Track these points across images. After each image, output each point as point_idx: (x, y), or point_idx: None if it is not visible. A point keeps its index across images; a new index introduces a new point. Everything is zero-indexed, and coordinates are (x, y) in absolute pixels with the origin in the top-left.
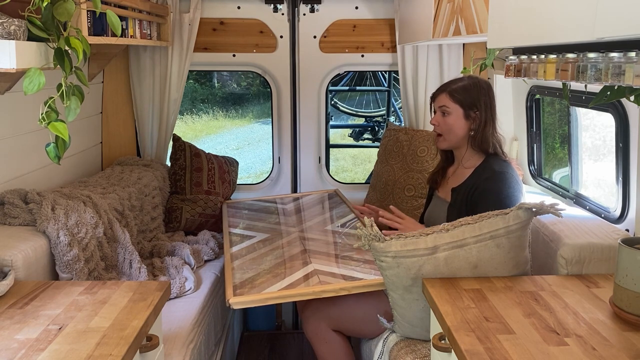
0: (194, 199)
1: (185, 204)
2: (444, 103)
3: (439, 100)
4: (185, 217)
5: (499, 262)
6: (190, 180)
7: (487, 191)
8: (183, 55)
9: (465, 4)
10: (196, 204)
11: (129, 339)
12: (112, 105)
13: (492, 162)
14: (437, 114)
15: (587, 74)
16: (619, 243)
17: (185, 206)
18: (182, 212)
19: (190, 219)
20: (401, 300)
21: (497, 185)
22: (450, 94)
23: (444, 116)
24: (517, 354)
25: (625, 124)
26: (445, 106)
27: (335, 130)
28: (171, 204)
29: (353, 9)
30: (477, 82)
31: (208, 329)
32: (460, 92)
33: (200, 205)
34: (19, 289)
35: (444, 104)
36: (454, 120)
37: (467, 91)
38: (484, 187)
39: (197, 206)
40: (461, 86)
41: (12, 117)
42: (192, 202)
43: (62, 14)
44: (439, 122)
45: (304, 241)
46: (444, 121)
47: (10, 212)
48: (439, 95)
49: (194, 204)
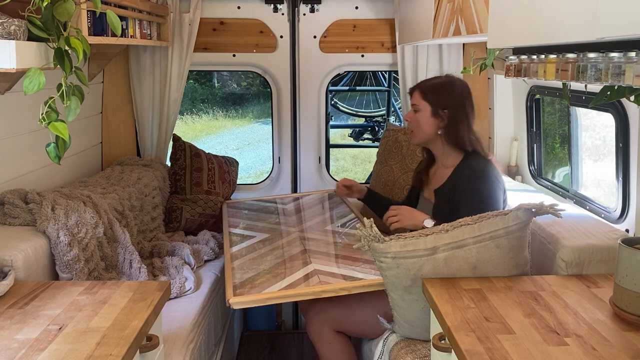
0: (194, 199)
1: (185, 204)
2: (415, 101)
3: (413, 97)
4: (185, 217)
5: (499, 263)
6: (190, 180)
7: (469, 191)
8: (183, 55)
9: (465, 4)
10: (196, 204)
11: (129, 339)
12: (112, 105)
13: (472, 161)
14: (410, 110)
15: (587, 74)
16: (619, 243)
17: (185, 206)
18: (182, 212)
19: (190, 219)
20: (401, 301)
21: (477, 184)
22: (421, 92)
23: (415, 113)
24: (517, 354)
25: (625, 124)
26: (416, 104)
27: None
28: (171, 204)
29: (353, 9)
30: (451, 82)
31: (208, 329)
32: (430, 91)
33: (200, 205)
34: (19, 289)
35: (415, 102)
36: (422, 118)
37: (437, 90)
38: (465, 187)
39: (197, 206)
40: (433, 85)
41: (12, 117)
42: (192, 202)
43: (62, 14)
44: (410, 118)
45: (304, 241)
46: (414, 117)
47: (11, 212)
48: (413, 92)
49: (194, 204)
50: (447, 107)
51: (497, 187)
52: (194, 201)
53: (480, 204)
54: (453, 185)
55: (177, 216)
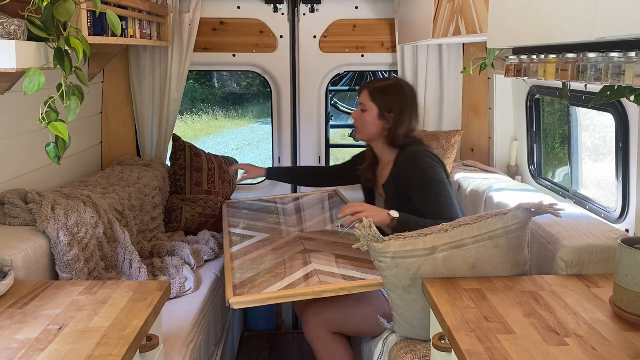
0: (194, 199)
1: (186, 204)
2: (363, 100)
3: (361, 97)
4: (186, 217)
5: (498, 263)
6: (190, 180)
7: (411, 172)
8: (183, 55)
9: (465, 4)
10: (196, 204)
11: (129, 339)
12: (112, 105)
13: (405, 149)
14: (358, 109)
15: (587, 74)
16: (619, 243)
17: (186, 206)
18: (182, 212)
19: (190, 219)
20: (400, 301)
21: (415, 163)
22: (370, 93)
23: (362, 112)
24: (517, 354)
25: (625, 124)
26: (363, 104)
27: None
28: (171, 204)
29: (353, 9)
30: (399, 85)
31: (208, 329)
32: (379, 93)
33: (200, 205)
34: (19, 289)
35: (362, 101)
36: (368, 118)
37: (385, 93)
38: (406, 172)
39: (197, 206)
40: (382, 87)
41: (12, 117)
42: (192, 202)
43: (62, 14)
44: (357, 116)
45: (304, 241)
46: (361, 117)
47: (11, 212)
48: (362, 91)
49: (194, 204)
50: (393, 111)
51: (433, 160)
52: (194, 201)
53: (428, 181)
54: (396, 175)
55: (177, 216)
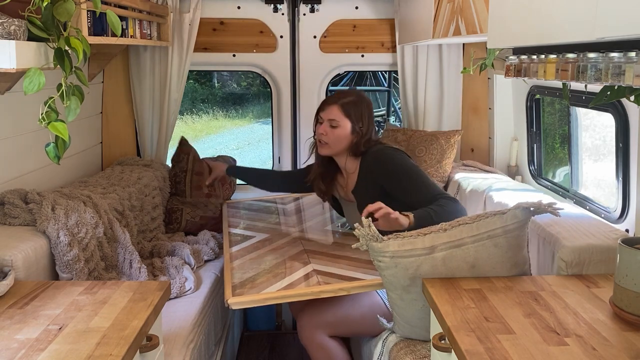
0: (195, 202)
1: (186, 206)
2: (334, 117)
3: (329, 112)
4: (186, 219)
5: (497, 262)
6: (191, 183)
7: (383, 171)
8: (183, 55)
9: (465, 4)
10: (196, 206)
11: (129, 339)
12: (112, 105)
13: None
14: (325, 125)
15: (587, 74)
16: (619, 243)
17: (186, 208)
18: (182, 213)
19: (190, 220)
20: (400, 301)
21: (384, 161)
22: (342, 108)
23: (333, 128)
24: (517, 354)
25: (625, 124)
26: (335, 119)
27: None
28: (171, 205)
29: (353, 9)
30: (362, 96)
31: (208, 329)
32: (350, 107)
33: (200, 208)
34: (19, 289)
35: (334, 117)
36: (341, 133)
37: (356, 106)
38: (377, 172)
39: (197, 209)
40: (351, 101)
41: (12, 117)
42: (192, 205)
43: (62, 14)
44: (327, 132)
45: (304, 241)
46: (332, 132)
47: (11, 212)
48: (329, 106)
49: (195, 207)
50: (362, 124)
51: (399, 152)
52: (194, 204)
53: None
54: (365, 180)
55: (177, 217)
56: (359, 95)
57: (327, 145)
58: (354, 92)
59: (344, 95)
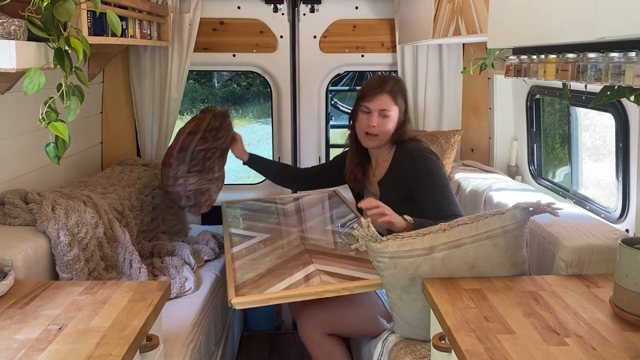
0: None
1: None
2: (385, 106)
3: (380, 102)
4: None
5: (496, 262)
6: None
7: (414, 170)
8: (183, 55)
9: (465, 4)
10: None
11: (129, 339)
12: (112, 105)
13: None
14: (375, 116)
15: (587, 74)
16: (619, 243)
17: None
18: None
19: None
20: (399, 301)
21: (420, 161)
22: (392, 96)
23: (384, 118)
24: (517, 354)
25: (625, 124)
26: (386, 109)
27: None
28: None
29: (353, 9)
30: (402, 81)
31: (208, 329)
32: (398, 94)
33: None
34: (19, 289)
35: (385, 107)
36: (391, 124)
37: (402, 92)
38: (409, 169)
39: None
40: (398, 88)
41: (12, 117)
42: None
43: (62, 14)
44: (379, 123)
45: (305, 241)
46: (383, 123)
47: (11, 212)
48: (379, 96)
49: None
50: (406, 110)
51: (436, 157)
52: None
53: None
54: (395, 172)
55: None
56: (399, 79)
57: (377, 137)
58: (394, 78)
59: (386, 81)
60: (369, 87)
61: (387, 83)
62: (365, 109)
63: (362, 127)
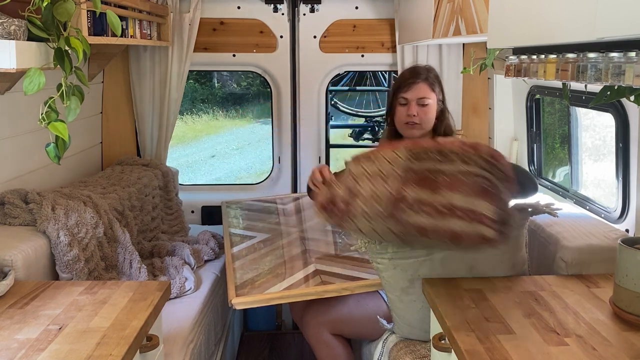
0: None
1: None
2: (423, 94)
3: (417, 91)
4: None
5: (495, 263)
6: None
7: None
8: (183, 55)
9: (465, 4)
10: None
11: (129, 339)
12: (112, 105)
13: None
14: (414, 106)
15: (587, 74)
16: (619, 243)
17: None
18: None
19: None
20: (399, 302)
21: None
22: (429, 84)
23: (423, 107)
24: (517, 354)
25: (625, 124)
26: (425, 97)
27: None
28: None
29: (353, 9)
30: (435, 70)
31: (208, 329)
32: (435, 81)
33: None
34: (19, 289)
35: (423, 95)
36: (432, 110)
37: (437, 79)
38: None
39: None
40: (435, 75)
41: (12, 117)
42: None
43: (62, 14)
44: (419, 112)
45: (305, 241)
46: (423, 111)
47: (11, 212)
48: (417, 85)
49: None
50: (443, 97)
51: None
52: None
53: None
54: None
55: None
56: (432, 68)
57: (419, 126)
58: (427, 67)
59: (420, 71)
60: (403, 78)
61: (422, 72)
62: (403, 100)
63: (402, 119)
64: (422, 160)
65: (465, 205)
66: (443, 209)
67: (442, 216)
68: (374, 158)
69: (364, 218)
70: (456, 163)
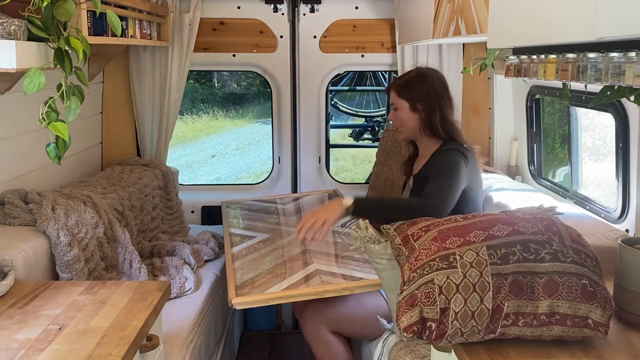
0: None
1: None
2: (393, 100)
3: (390, 97)
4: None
5: None
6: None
7: (433, 164)
8: (183, 55)
9: (465, 4)
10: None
11: (129, 339)
12: (112, 105)
13: (447, 145)
14: (392, 110)
15: (587, 74)
16: (619, 243)
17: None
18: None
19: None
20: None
21: (442, 157)
22: (396, 90)
23: (396, 111)
24: (517, 353)
25: (625, 124)
26: (394, 102)
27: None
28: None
29: (353, 9)
30: (422, 74)
31: (208, 329)
32: (403, 88)
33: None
34: (19, 289)
35: (392, 101)
36: (403, 115)
37: (409, 85)
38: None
39: None
40: (405, 81)
41: (12, 117)
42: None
43: (62, 14)
44: (392, 117)
45: (305, 241)
46: (396, 116)
47: (11, 212)
48: (389, 92)
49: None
50: (422, 100)
51: (460, 162)
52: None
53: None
54: (427, 169)
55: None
56: (418, 73)
57: (397, 130)
58: (413, 70)
59: (401, 76)
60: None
61: (399, 78)
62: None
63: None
64: (509, 261)
65: (570, 312)
66: (546, 318)
67: (545, 326)
68: (454, 261)
69: (459, 336)
70: (545, 260)
